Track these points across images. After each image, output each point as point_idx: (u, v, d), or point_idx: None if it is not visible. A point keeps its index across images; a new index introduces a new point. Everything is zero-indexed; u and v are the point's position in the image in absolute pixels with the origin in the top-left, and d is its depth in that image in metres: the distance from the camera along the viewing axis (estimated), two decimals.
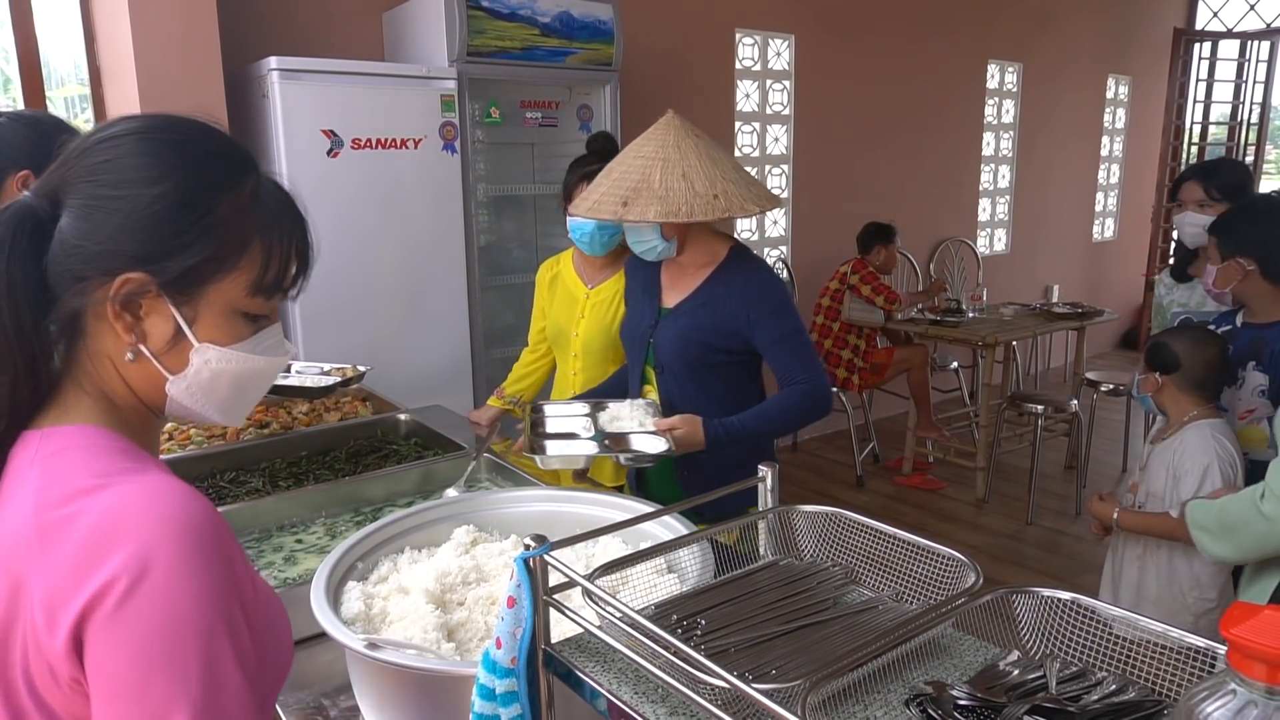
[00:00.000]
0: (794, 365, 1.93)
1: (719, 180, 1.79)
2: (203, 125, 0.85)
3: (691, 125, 1.88)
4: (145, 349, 0.81)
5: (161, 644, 0.68)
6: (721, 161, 1.83)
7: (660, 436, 1.83)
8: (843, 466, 4.99)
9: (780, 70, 5.07)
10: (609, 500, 1.53)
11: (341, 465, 2.13)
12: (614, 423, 1.92)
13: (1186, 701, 0.46)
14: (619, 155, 1.89)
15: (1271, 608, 0.42)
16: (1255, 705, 0.41)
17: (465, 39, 3.03)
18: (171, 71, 2.61)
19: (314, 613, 1.15)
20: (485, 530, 1.49)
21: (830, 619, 1.01)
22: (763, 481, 1.21)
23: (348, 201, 2.90)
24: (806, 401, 1.93)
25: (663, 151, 1.81)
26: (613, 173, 1.85)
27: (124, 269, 0.77)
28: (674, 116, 1.88)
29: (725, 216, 1.79)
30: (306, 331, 2.89)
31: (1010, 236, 6.85)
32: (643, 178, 1.79)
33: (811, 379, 1.93)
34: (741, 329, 1.92)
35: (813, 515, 1.18)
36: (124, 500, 0.72)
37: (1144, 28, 7.55)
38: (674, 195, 1.76)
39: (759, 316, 1.90)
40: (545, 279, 2.57)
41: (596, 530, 1.02)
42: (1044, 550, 3.96)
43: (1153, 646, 0.82)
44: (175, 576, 0.70)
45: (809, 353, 1.95)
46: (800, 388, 1.94)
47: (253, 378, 0.88)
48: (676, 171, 1.78)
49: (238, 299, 0.83)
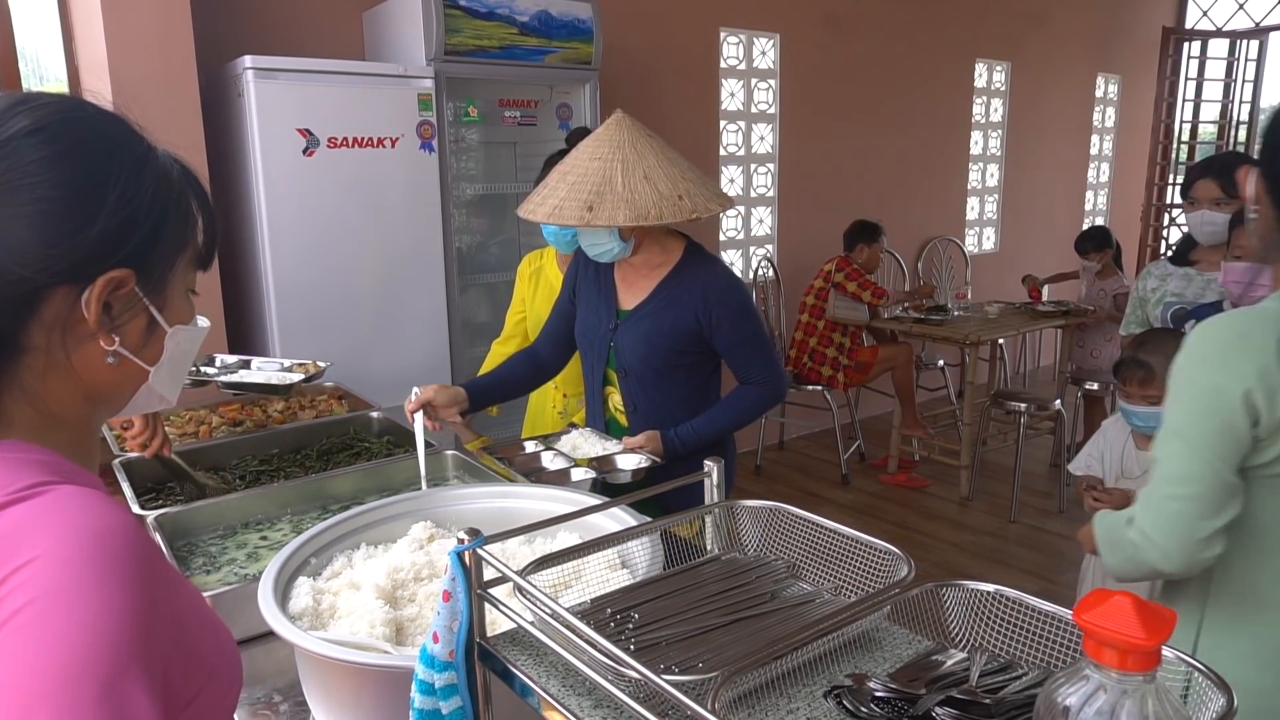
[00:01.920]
0: (754, 366, 1.95)
1: (679, 180, 1.79)
2: (90, 105, 0.78)
3: (643, 125, 1.87)
4: (125, 350, 0.76)
5: (46, 677, 0.56)
6: (677, 161, 1.83)
7: (635, 453, 1.85)
8: (828, 465, 4.99)
9: (765, 69, 5.08)
10: (567, 496, 1.54)
11: (312, 463, 2.13)
12: (576, 450, 1.93)
13: (1048, 688, 0.46)
14: (570, 156, 1.84)
15: (1121, 593, 0.42)
16: (1105, 690, 0.42)
17: (442, 38, 3.03)
18: (145, 71, 2.61)
19: (259, 607, 1.16)
20: (443, 526, 1.49)
21: (767, 612, 1.02)
22: (708, 477, 1.21)
23: (324, 201, 2.91)
24: (764, 400, 1.96)
25: (620, 152, 1.79)
26: (569, 175, 1.80)
27: (100, 271, 0.72)
28: (624, 116, 1.85)
29: (692, 218, 1.78)
30: (283, 331, 2.90)
31: (999, 235, 6.86)
32: (604, 180, 1.75)
33: (771, 377, 1.95)
34: (702, 330, 1.92)
35: (756, 510, 1.18)
36: (24, 516, 0.65)
37: (1133, 26, 7.56)
38: (639, 198, 1.74)
39: (720, 318, 1.90)
40: (527, 272, 2.59)
41: (531, 525, 1.02)
42: (1026, 548, 3.97)
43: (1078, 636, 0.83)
44: (69, 599, 0.60)
45: (767, 351, 1.96)
46: (758, 387, 1.96)
47: (193, 352, 0.87)
48: (638, 173, 1.77)
49: (189, 276, 0.82)
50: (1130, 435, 2.31)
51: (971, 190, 6.54)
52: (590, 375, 2.10)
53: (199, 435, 2.18)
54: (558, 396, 2.50)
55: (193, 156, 2.84)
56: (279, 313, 2.88)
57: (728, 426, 1.96)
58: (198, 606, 0.74)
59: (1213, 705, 0.66)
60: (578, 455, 1.90)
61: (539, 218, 1.81)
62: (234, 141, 2.89)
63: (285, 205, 2.83)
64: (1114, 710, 0.41)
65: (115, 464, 1.93)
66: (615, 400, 2.06)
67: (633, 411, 2.02)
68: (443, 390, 1.96)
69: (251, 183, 2.82)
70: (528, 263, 2.60)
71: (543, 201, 1.81)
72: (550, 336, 2.18)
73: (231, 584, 1.42)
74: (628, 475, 1.79)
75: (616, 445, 1.94)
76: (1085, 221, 7.66)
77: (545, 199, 1.81)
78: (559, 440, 1.99)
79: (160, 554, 0.70)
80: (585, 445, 1.96)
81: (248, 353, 3.12)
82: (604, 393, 2.08)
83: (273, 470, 2.08)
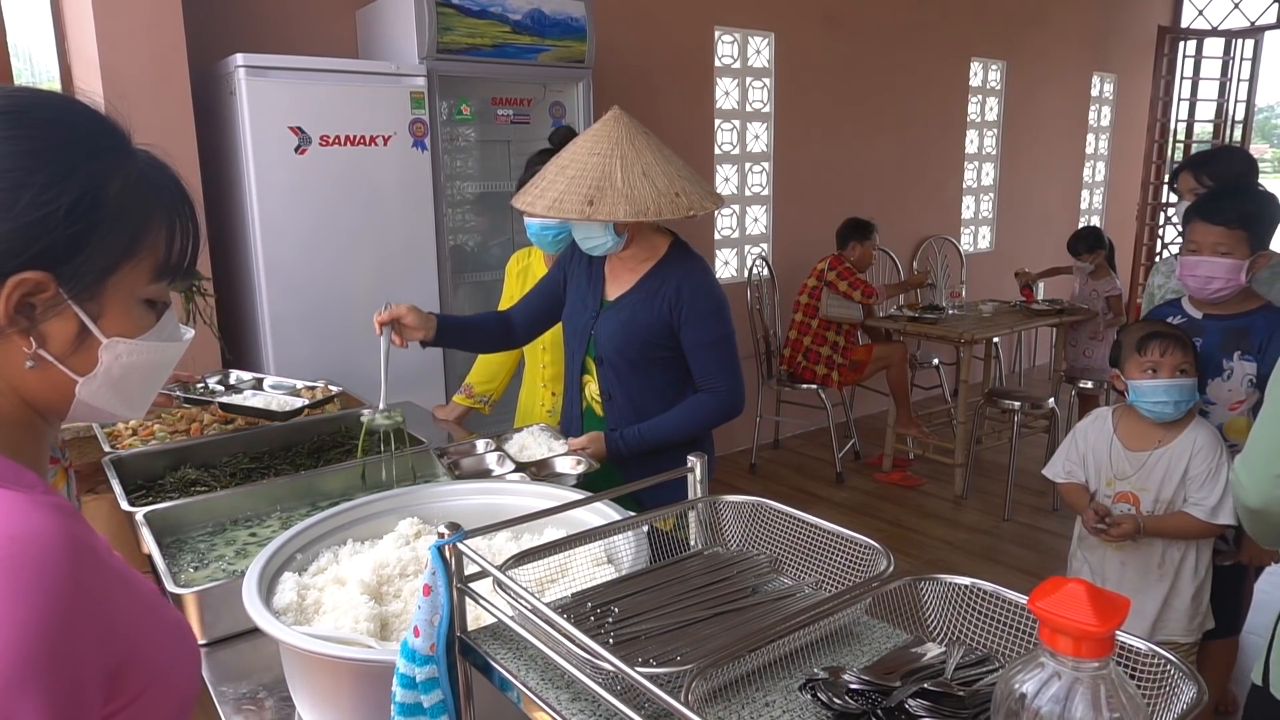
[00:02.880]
0: (714, 371, 1.94)
1: (675, 178, 1.80)
2: (68, 99, 0.76)
3: (638, 122, 1.88)
4: (47, 354, 0.73)
5: None
6: (673, 159, 1.84)
7: (574, 455, 1.86)
8: (823, 464, 5.00)
9: (760, 68, 5.08)
10: (553, 493, 1.54)
11: (303, 460, 2.13)
12: (523, 452, 1.94)
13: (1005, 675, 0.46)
14: (567, 151, 1.85)
15: (1076, 581, 0.43)
16: (1059, 677, 0.42)
17: (435, 36, 3.03)
18: (136, 68, 2.61)
19: (243, 602, 1.16)
20: (430, 523, 1.49)
21: (747, 606, 1.02)
22: (691, 472, 1.21)
23: (316, 199, 2.91)
24: (718, 410, 1.96)
25: (618, 148, 1.80)
26: (568, 169, 1.81)
27: (13, 271, 0.69)
28: (621, 113, 1.87)
29: (689, 214, 1.79)
30: (275, 329, 2.90)
31: (994, 234, 6.86)
32: (603, 175, 1.77)
33: (728, 387, 1.94)
34: (674, 325, 1.93)
35: (738, 505, 1.19)
36: None
37: (1128, 25, 7.57)
38: (639, 194, 1.75)
39: (689, 317, 1.91)
40: (515, 269, 2.59)
41: (511, 520, 1.03)
42: (1020, 546, 3.97)
43: None
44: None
45: (731, 360, 1.95)
46: (714, 396, 1.95)
47: (160, 367, 0.83)
48: (636, 169, 1.78)
49: (140, 286, 0.77)
50: (1115, 436, 2.28)
51: (967, 189, 6.55)
52: (570, 361, 2.12)
53: (190, 433, 2.18)
54: (546, 395, 2.50)
55: (184, 154, 2.85)
56: (271, 312, 2.88)
57: (676, 433, 1.95)
58: (147, 608, 0.72)
59: (1184, 697, 0.67)
60: (524, 456, 1.91)
61: (539, 210, 1.80)
62: (226, 139, 2.89)
63: (277, 204, 2.83)
64: (1068, 696, 0.42)
65: (105, 461, 1.94)
66: (592, 389, 2.08)
67: (608, 401, 2.03)
68: (414, 312, 1.99)
69: (243, 181, 2.82)
70: (516, 260, 2.61)
71: (541, 194, 1.82)
72: (526, 309, 2.21)
73: (219, 580, 1.43)
74: (571, 479, 1.80)
75: (562, 445, 1.95)
76: (1081, 221, 7.67)
77: (544, 191, 1.81)
78: (509, 440, 2.00)
79: (96, 558, 0.67)
80: (533, 445, 1.97)
81: (238, 354, 3.12)
82: (582, 381, 2.10)
83: (263, 468, 2.08)
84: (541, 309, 2.18)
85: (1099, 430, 2.31)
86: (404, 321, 1.97)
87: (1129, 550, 2.23)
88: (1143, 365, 2.15)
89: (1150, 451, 2.17)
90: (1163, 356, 2.12)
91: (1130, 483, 2.19)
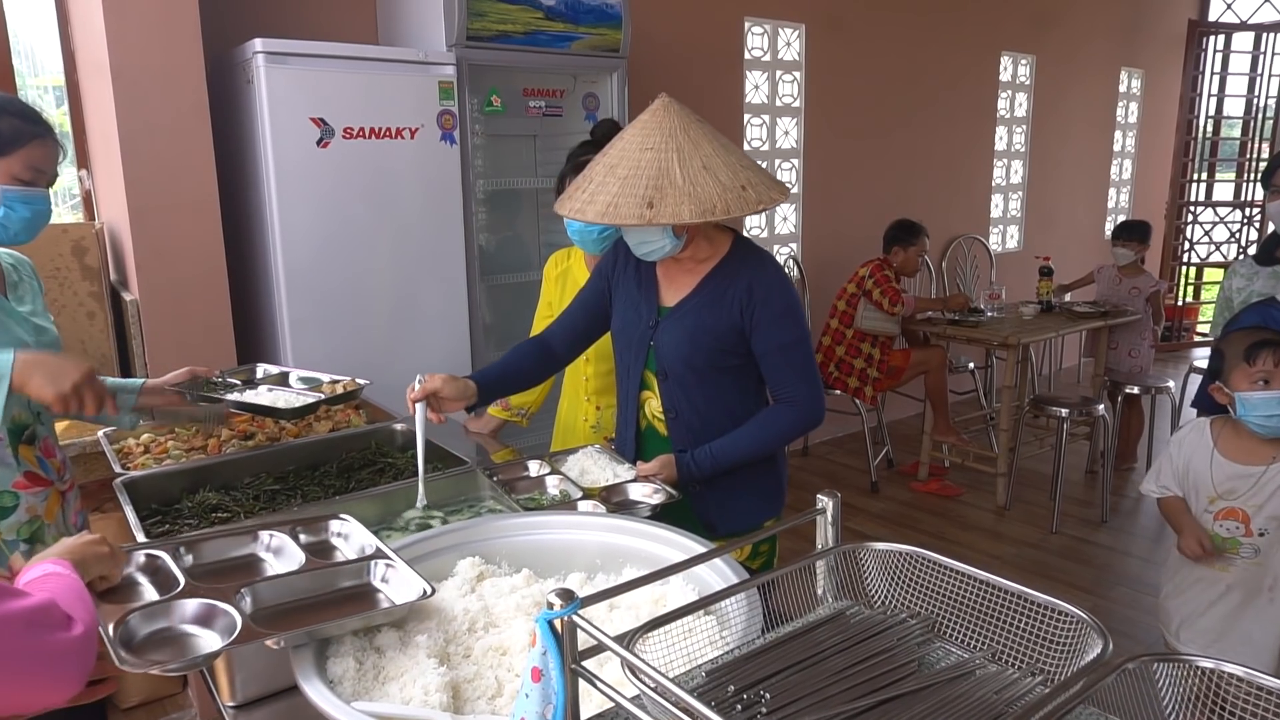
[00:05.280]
0: (789, 379, 1.75)
1: (739, 169, 1.60)
2: None
3: (689, 109, 1.69)
4: None
5: None
6: (732, 147, 1.65)
7: (649, 481, 1.68)
8: (856, 472, 4.81)
9: (790, 61, 4.90)
10: (632, 526, 1.36)
11: (332, 481, 1.94)
12: (584, 476, 1.75)
13: None
14: (614, 147, 1.64)
15: None
16: None
17: (465, 21, 2.85)
18: (147, 56, 2.41)
19: (293, 669, 0.98)
20: (492, 562, 1.31)
21: (919, 688, 0.84)
22: (822, 514, 1.03)
23: (338, 195, 2.72)
24: (798, 423, 1.77)
25: (673, 140, 1.59)
26: (619, 169, 1.60)
27: None
28: (671, 100, 1.66)
29: (758, 209, 1.60)
30: (294, 333, 2.71)
31: (1022, 233, 6.68)
32: (660, 173, 1.56)
33: (807, 395, 1.75)
34: (745, 330, 1.74)
35: (885, 554, 1.00)
36: None
37: (1157, 20, 7.39)
38: (702, 190, 1.55)
39: (762, 319, 1.72)
40: (553, 273, 2.40)
41: (629, 583, 0.84)
42: (1071, 560, 3.79)
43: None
44: None
45: (808, 366, 1.76)
46: (792, 407, 1.76)
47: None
48: (695, 163, 1.58)
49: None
50: (1215, 450, 2.10)
51: (995, 187, 6.37)
52: (625, 378, 1.92)
53: (208, 451, 2.00)
54: (590, 409, 2.31)
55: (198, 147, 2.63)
56: (290, 314, 2.70)
57: (752, 450, 1.76)
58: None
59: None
60: (586, 481, 1.72)
61: (589, 218, 1.60)
62: (243, 132, 2.70)
63: (297, 200, 2.64)
64: None
65: (117, 483, 1.75)
66: (653, 406, 1.88)
67: (673, 418, 1.83)
68: (451, 381, 1.79)
69: (261, 176, 2.63)
70: (554, 263, 2.41)
71: (591, 199, 1.60)
72: (566, 327, 2.00)
73: None
74: (646, 509, 1.61)
75: (627, 469, 1.76)
76: (1108, 220, 7.49)
77: (594, 196, 1.60)
78: (565, 461, 1.82)
79: None
80: (594, 469, 1.78)
81: (253, 358, 2.94)
82: (640, 398, 1.90)
83: (289, 490, 1.89)
84: (583, 325, 1.98)
85: (1197, 443, 2.13)
86: (441, 394, 1.78)
87: (1237, 570, 2.05)
88: (1252, 376, 1.96)
89: (1265, 468, 1.99)
90: (1277, 367, 1.94)
91: (1241, 500, 2.01)
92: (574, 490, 1.66)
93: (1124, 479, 4.73)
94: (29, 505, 1.64)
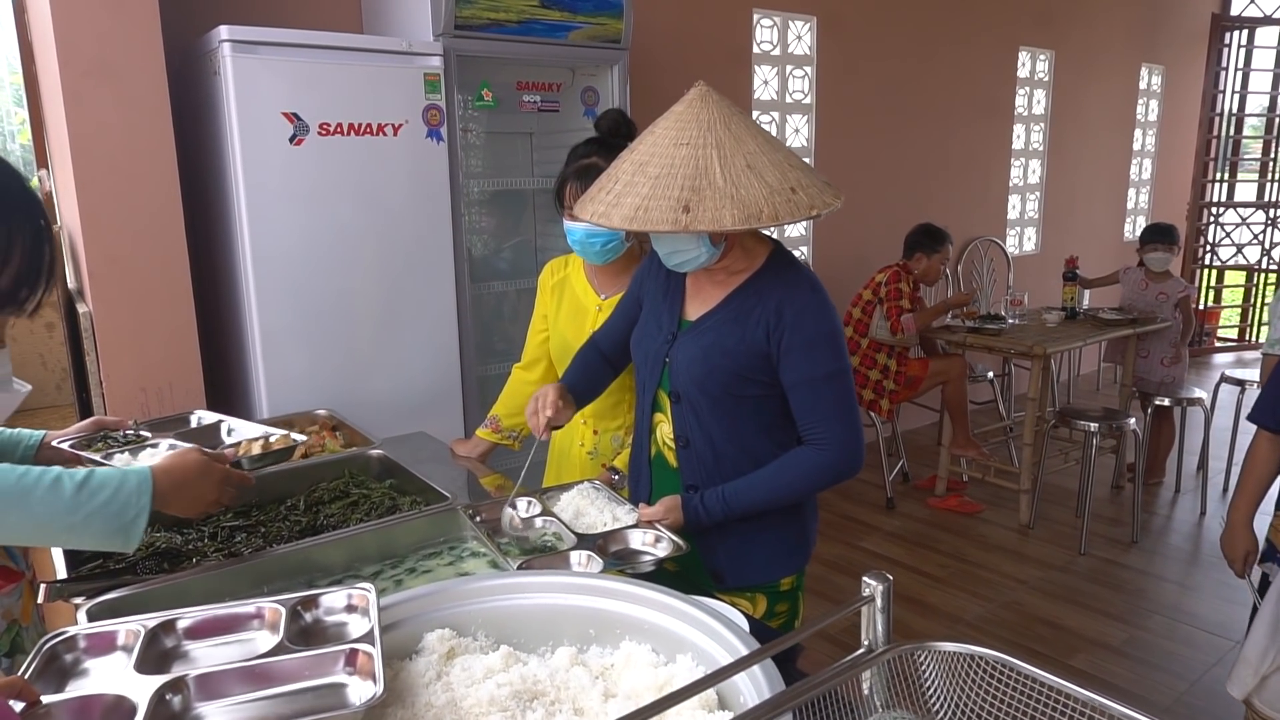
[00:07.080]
0: (819, 418, 1.50)
1: (787, 169, 1.38)
2: None
3: (729, 100, 1.48)
4: None
5: None
6: (778, 144, 1.43)
7: (651, 529, 1.46)
8: (870, 487, 4.59)
9: (801, 55, 4.67)
10: (630, 591, 1.13)
11: (299, 516, 1.73)
12: (579, 519, 1.53)
13: None
14: (643, 143, 1.44)
15: None
16: None
17: (453, 9, 2.63)
18: (100, 46, 2.19)
19: None
20: (465, 633, 1.10)
21: None
22: (869, 603, 0.81)
23: (314, 196, 2.50)
24: (827, 471, 1.52)
25: (712, 134, 1.38)
26: (649, 167, 1.39)
27: None
28: (709, 90, 1.46)
29: (810, 215, 1.37)
30: (265, 345, 2.49)
31: (1040, 235, 6.45)
32: (698, 172, 1.35)
33: (841, 438, 1.50)
34: (771, 354, 1.51)
35: (952, 657, 0.78)
36: None
37: (1179, 14, 7.14)
38: (746, 193, 1.33)
39: (791, 345, 1.49)
40: (549, 283, 2.18)
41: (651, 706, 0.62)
42: (1101, 585, 3.55)
43: None
44: None
45: (844, 404, 1.51)
46: (821, 452, 1.51)
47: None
48: (738, 161, 1.36)
49: None
50: None
51: (1012, 187, 6.14)
52: (641, 395, 1.71)
53: None
54: (586, 433, 2.10)
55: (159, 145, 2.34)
56: (261, 325, 2.48)
57: (770, 498, 1.54)
58: None
59: None
60: (581, 525, 1.50)
61: (615, 222, 1.38)
62: (209, 127, 2.48)
63: (269, 202, 2.42)
64: None
65: None
66: (664, 431, 1.66)
67: (684, 447, 1.61)
68: (562, 393, 1.68)
69: (229, 175, 2.41)
70: (550, 272, 2.19)
71: (618, 201, 1.39)
72: (610, 337, 1.84)
73: None
74: (650, 564, 1.39)
75: (627, 512, 1.54)
76: (1127, 222, 7.25)
77: (621, 197, 1.39)
78: (558, 500, 1.60)
79: None
80: (591, 511, 1.56)
81: (224, 374, 2.73)
82: (653, 420, 1.68)
83: (249, 526, 1.68)
84: (624, 335, 1.79)
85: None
86: (561, 406, 1.67)
87: None
88: None
89: None
90: None
91: None
92: (567, 536, 1.45)
93: (1153, 495, 4.50)
94: (4, 610, 1.34)
